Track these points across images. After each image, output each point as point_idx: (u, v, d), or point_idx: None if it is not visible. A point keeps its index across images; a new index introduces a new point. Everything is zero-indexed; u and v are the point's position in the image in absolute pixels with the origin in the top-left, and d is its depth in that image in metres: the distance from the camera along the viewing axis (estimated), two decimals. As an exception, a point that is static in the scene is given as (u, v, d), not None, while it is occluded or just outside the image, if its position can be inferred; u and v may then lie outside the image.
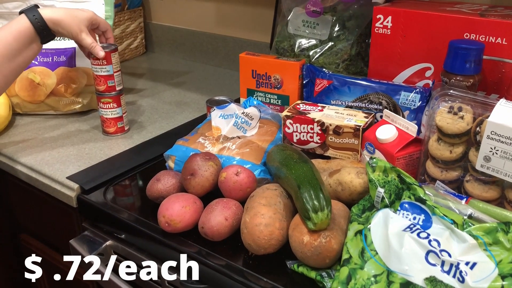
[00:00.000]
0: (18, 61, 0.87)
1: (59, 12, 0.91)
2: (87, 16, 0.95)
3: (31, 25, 0.87)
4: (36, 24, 0.88)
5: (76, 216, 0.96)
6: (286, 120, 0.90)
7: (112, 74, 1.05)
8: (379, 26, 0.91)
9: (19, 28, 0.87)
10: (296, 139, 0.91)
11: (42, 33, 0.89)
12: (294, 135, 0.91)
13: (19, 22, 0.87)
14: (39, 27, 0.88)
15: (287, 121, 0.91)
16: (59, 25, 0.91)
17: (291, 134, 0.91)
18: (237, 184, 0.78)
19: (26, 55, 0.89)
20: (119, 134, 1.10)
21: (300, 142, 0.91)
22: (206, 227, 0.74)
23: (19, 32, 0.87)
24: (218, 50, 1.58)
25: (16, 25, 0.87)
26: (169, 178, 0.84)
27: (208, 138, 0.91)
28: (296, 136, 0.91)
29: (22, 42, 0.87)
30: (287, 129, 0.91)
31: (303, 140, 0.90)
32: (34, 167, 0.99)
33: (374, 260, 0.61)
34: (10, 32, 0.86)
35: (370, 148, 0.83)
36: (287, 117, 0.90)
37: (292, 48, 1.04)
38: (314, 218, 0.65)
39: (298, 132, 0.90)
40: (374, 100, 0.90)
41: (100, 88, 1.05)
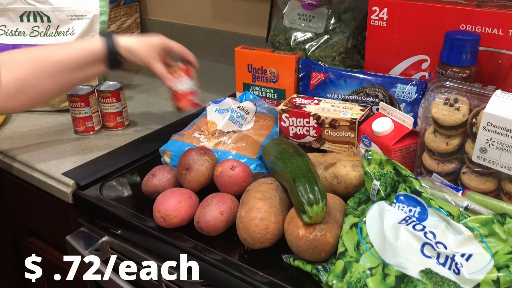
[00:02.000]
0: (77, 75, 0.88)
1: (133, 40, 0.92)
2: (159, 42, 0.94)
3: (103, 47, 0.88)
4: (109, 46, 0.88)
5: (72, 212, 0.96)
6: (282, 114, 0.90)
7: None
8: (375, 18, 0.91)
9: (90, 46, 0.88)
10: (292, 133, 0.91)
11: (111, 57, 0.89)
12: (290, 129, 0.91)
13: (93, 41, 0.89)
14: (110, 50, 0.88)
15: (283, 115, 0.90)
16: (132, 53, 0.90)
17: (287, 128, 0.91)
18: (233, 179, 0.78)
19: (87, 72, 0.89)
20: (119, 129, 1.10)
21: (296, 136, 0.90)
22: (201, 222, 0.74)
23: (89, 49, 0.88)
24: (215, 45, 1.57)
25: (90, 43, 0.89)
26: (164, 173, 0.83)
27: (203, 132, 0.90)
28: (292, 130, 0.90)
29: (88, 60, 0.88)
30: (283, 123, 0.91)
31: (299, 134, 0.90)
32: (30, 164, 0.98)
33: (370, 253, 0.61)
34: (81, 46, 0.88)
35: (366, 141, 0.83)
36: (283, 111, 0.90)
37: (288, 41, 1.04)
38: (309, 212, 0.64)
39: (294, 126, 0.90)
40: (370, 93, 0.90)
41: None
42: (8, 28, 1.19)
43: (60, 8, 1.17)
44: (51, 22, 1.18)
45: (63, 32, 1.18)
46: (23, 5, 1.17)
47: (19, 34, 1.19)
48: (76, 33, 1.17)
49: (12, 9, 1.17)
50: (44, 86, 0.85)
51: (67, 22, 1.18)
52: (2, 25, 1.19)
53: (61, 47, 0.88)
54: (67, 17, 1.17)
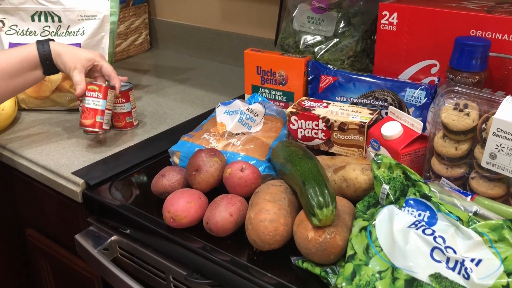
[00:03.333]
0: (17, 82, 0.93)
1: (64, 47, 0.97)
2: (88, 56, 0.98)
3: (37, 53, 0.94)
4: (42, 53, 0.94)
5: (81, 211, 0.96)
6: (291, 116, 0.90)
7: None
8: (385, 22, 0.91)
9: (27, 53, 0.93)
10: (301, 136, 0.91)
11: (45, 63, 0.95)
12: (298, 132, 0.91)
13: (29, 48, 0.94)
14: (44, 56, 0.94)
15: (292, 118, 0.91)
16: (59, 58, 0.96)
17: (296, 130, 0.91)
18: (242, 180, 0.78)
19: (27, 78, 0.95)
20: (128, 129, 1.11)
21: (305, 138, 0.91)
22: (211, 223, 0.74)
23: (26, 56, 0.93)
24: (223, 46, 1.58)
25: (26, 50, 0.94)
26: (174, 173, 0.84)
27: (213, 134, 0.91)
28: (301, 132, 0.91)
29: (26, 66, 0.94)
30: (292, 126, 0.91)
31: (308, 136, 0.90)
32: (40, 163, 0.99)
33: (379, 256, 0.61)
34: (19, 53, 0.94)
35: (375, 145, 0.83)
36: (292, 113, 0.90)
37: (297, 44, 1.04)
38: (319, 214, 0.65)
39: (303, 128, 0.90)
40: (379, 97, 0.90)
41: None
42: (20, 28, 1.19)
43: (71, 9, 1.18)
44: (62, 22, 1.19)
45: (73, 32, 1.19)
46: (34, 5, 1.18)
47: (30, 33, 1.20)
48: (87, 33, 1.18)
49: (23, 9, 1.18)
50: None
51: (77, 23, 1.18)
52: (13, 24, 1.20)
53: (2, 54, 0.93)
54: (77, 17, 1.18)
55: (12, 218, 1.23)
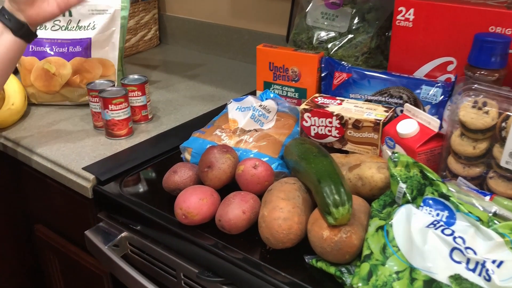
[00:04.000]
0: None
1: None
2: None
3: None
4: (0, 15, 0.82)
5: (91, 207, 0.96)
6: (304, 113, 0.89)
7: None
8: (401, 18, 0.89)
9: None
10: (314, 133, 0.90)
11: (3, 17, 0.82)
12: (311, 129, 0.90)
13: None
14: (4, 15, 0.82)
15: (305, 115, 0.89)
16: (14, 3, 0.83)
17: (309, 127, 0.90)
18: (255, 178, 0.77)
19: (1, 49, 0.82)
20: (142, 123, 1.10)
21: (318, 136, 0.90)
22: (223, 220, 0.73)
23: None
24: (233, 42, 1.57)
25: None
26: (185, 170, 0.83)
27: (225, 130, 0.90)
28: (313, 129, 0.90)
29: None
30: (305, 123, 0.90)
31: (321, 134, 0.89)
32: (50, 158, 0.99)
33: (396, 256, 0.60)
34: None
35: (390, 143, 0.82)
36: (305, 110, 0.89)
37: (310, 40, 1.03)
38: (335, 213, 0.64)
39: (316, 125, 0.89)
40: (395, 94, 0.89)
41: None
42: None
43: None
44: (73, 17, 1.18)
45: (84, 27, 1.18)
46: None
47: (41, 27, 1.19)
48: (97, 27, 1.17)
49: (34, 3, 1.17)
50: None
51: (88, 17, 1.18)
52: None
53: None
54: (88, 11, 1.17)
55: (21, 213, 1.23)
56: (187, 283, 0.81)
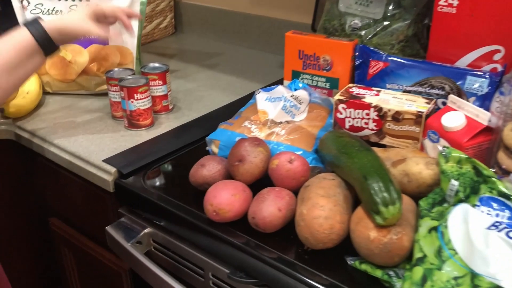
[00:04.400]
0: (18, 74, 0.83)
1: (58, 21, 0.86)
2: (87, 10, 0.89)
3: (33, 38, 0.83)
4: (38, 35, 0.83)
5: (112, 201, 0.91)
6: (339, 104, 0.84)
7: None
8: (443, 4, 0.84)
9: (21, 42, 0.82)
10: (349, 125, 0.85)
11: (45, 45, 0.84)
12: (346, 121, 0.85)
13: (21, 34, 0.83)
14: (41, 38, 0.83)
15: (339, 106, 0.84)
16: (63, 31, 0.85)
17: (343, 119, 0.85)
18: (290, 173, 0.72)
19: (27, 67, 0.84)
20: (163, 113, 1.06)
21: (353, 128, 0.84)
22: (257, 218, 0.69)
23: (21, 45, 0.82)
24: (251, 31, 1.51)
25: (18, 39, 0.83)
26: (214, 163, 0.78)
27: (254, 122, 0.85)
28: (348, 122, 0.84)
29: (24, 56, 0.82)
30: (339, 114, 0.85)
31: (357, 126, 0.84)
32: (68, 149, 0.94)
33: (454, 260, 0.55)
34: (11, 44, 0.82)
35: (434, 137, 0.77)
36: (340, 101, 0.84)
37: (343, 27, 0.97)
38: (385, 213, 0.59)
39: (351, 117, 0.84)
40: (436, 85, 0.83)
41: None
42: (45, 7, 1.14)
43: (99, -13, 1.11)
44: (90, 1, 1.13)
45: (101, 12, 1.13)
46: (61, -18, 1.12)
47: (56, 12, 1.14)
48: (115, 13, 1.12)
49: (49, -13, 1.12)
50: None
51: (106, 2, 1.12)
52: (38, 3, 1.14)
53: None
54: (106, -4, 1.12)
55: (35, 205, 1.18)
56: (215, 283, 0.77)
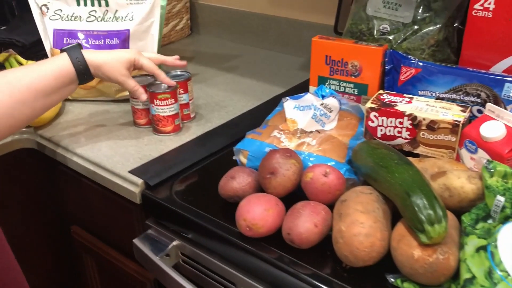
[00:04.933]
0: (52, 98, 0.85)
1: (101, 56, 0.89)
2: (127, 58, 0.91)
3: (73, 68, 0.85)
4: (78, 67, 0.85)
5: (138, 213, 0.90)
6: (371, 112, 0.82)
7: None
8: (479, 8, 0.81)
9: (60, 68, 0.84)
10: (381, 134, 0.82)
11: (83, 77, 0.87)
12: (378, 130, 0.82)
13: (62, 62, 0.85)
14: (81, 70, 0.86)
15: (371, 114, 0.82)
16: (100, 70, 0.88)
17: (375, 128, 0.82)
18: (326, 186, 0.70)
19: (62, 93, 0.86)
20: (185, 122, 1.04)
21: (385, 137, 0.82)
22: (293, 234, 0.67)
23: (60, 72, 0.84)
24: (270, 32, 1.49)
25: (58, 64, 0.85)
26: (244, 176, 0.76)
27: (284, 131, 0.83)
28: (380, 130, 0.82)
29: (61, 82, 0.84)
30: (371, 123, 0.82)
31: (389, 135, 0.82)
32: (92, 159, 0.92)
33: (506, 283, 0.53)
34: (52, 70, 0.83)
35: (471, 147, 0.74)
36: (372, 109, 0.81)
37: (371, 31, 0.95)
38: (431, 232, 0.56)
39: (383, 126, 0.81)
40: (471, 92, 0.81)
41: None
42: (64, 13, 1.12)
43: (119, -8, 1.10)
44: (109, 7, 1.11)
45: (121, 18, 1.11)
46: (80, -12, 1.10)
47: (75, 19, 1.12)
48: (136, 19, 1.10)
49: (69, -8, 1.11)
50: (20, 115, 0.79)
51: (126, 7, 1.10)
52: (57, 9, 1.12)
53: (33, 71, 0.82)
54: (126, 1, 1.10)
55: (56, 213, 1.17)
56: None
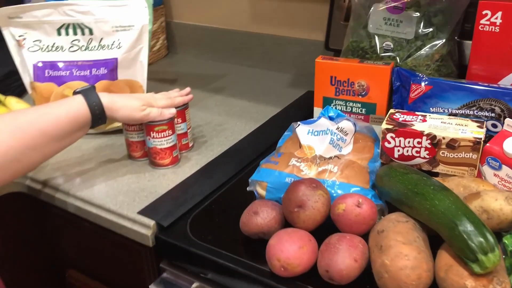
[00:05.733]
0: (64, 143, 0.80)
1: (116, 101, 0.85)
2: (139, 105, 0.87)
3: (89, 112, 0.81)
4: (94, 112, 0.81)
5: (149, 255, 0.84)
6: (387, 133, 0.80)
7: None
8: (485, 23, 0.81)
9: (76, 112, 0.80)
10: (398, 155, 0.81)
11: (97, 121, 0.83)
12: (395, 150, 0.81)
13: (77, 105, 0.80)
14: (97, 115, 0.82)
15: (387, 135, 0.80)
16: (116, 113, 0.85)
17: (392, 149, 0.81)
18: (360, 217, 0.68)
19: (73, 137, 0.81)
20: (183, 152, 0.99)
21: (403, 157, 0.81)
22: (333, 271, 0.64)
23: (75, 116, 0.79)
24: (253, 49, 1.46)
25: (74, 107, 0.80)
26: (268, 210, 0.73)
27: (302, 159, 0.80)
28: (398, 151, 0.81)
29: (76, 126, 0.80)
30: (387, 144, 0.81)
31: (407, 155, 0.80)
32: (94, 202, 0.86)
33: None
34: (66, 113, 0.79)
35: (495, 164, 0.74)
36: (388, 130, 0.80)
37: (374, 49, 0.93)
38: (485, 262, 0.55)
39: (401, 147, 0.80)
40: (485, 107, 0.81)
41: None
42: (44, 43, 1.05)
43: (104, 19, 1.03)
44: (94, 35, 1.05)
45: (107, 46, 1.05)
46: (61, 16, 1.03)
47: (57, 49, 1.05)
48: (123, 46, 1.04)
49: (48, 22, 1.04)
50: (28, 160, 0.75)
51: (112, 34, 1.05)
52: (36, 40, 1.05)
53: (45, 113, 0.77)
54: (111, 28, 1.04)
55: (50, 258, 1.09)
56: None
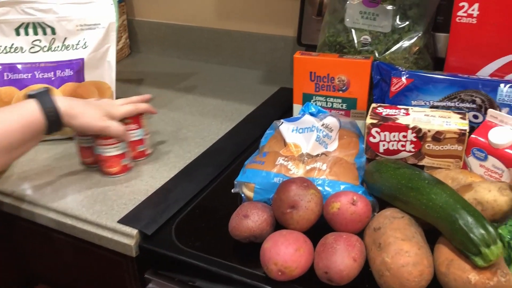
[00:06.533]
0: (17, 153, 0.72)
1: (74, 105, 0.77)
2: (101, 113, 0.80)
3: (44, 118, 0.72)
4: (50, 117, 0.73)
5: (130, 265, 0.80)
6: (372, 128, 0.79)
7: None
8: (462, 15, 0.82)
9: (28, 119, 0.71)
10: (383, 149, 0.80)
11: (53, 127, 0.74)
12: (380, 145, 0.80)
13: (29, 111, 0.72)
14: (52, 120, 0.73)
15: (372, 130, 0.79)
16: (73, 120, 0.76)
17: (377, 144, 0.80)
18: (356, 215, 0.66)
19: (27, 147, 0.74)
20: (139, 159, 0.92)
21: (388, 152, 0.80)
22: (332, 272, 0.62)
23: (28, 123, 0.71)
24: (222, 46, 1.43)
25: (25, 114, 0.71)
26: (258, 212, 0.70)
27: (289, 158, 0.77)
28: (383, 145, 0.80)
29: (29, 135, 0.72)
30: (372, 139, 0.80)
31: (392, 149, 0.80)
32: (69, 212, 0.80)
33: None
34: (18, 121, 0.70)
35: (480, 154, 0.74)
36: (373, 125, 0.79)
37: (351, 43, 0.92)
38: (488, 255, 0.55)
39: (386, 141, 0.79)
40: (466, 98, 0.81)
41: None
42: (1, 44, 0.98)
43: (67, 17, 0.97)
44: (57, 34, 0.98)
45: (72, 46, 0.99)
46: (19, 15, 0.96)
47: (16, 50, 0.98)
48: (90, 45, 0.99)
49: (5, 21, 0.96)
50: None
51: (76, 34, 0.99)
52: (-8, 41, 0.98)
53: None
54: (76, 27, 0.98)
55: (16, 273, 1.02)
56: None
